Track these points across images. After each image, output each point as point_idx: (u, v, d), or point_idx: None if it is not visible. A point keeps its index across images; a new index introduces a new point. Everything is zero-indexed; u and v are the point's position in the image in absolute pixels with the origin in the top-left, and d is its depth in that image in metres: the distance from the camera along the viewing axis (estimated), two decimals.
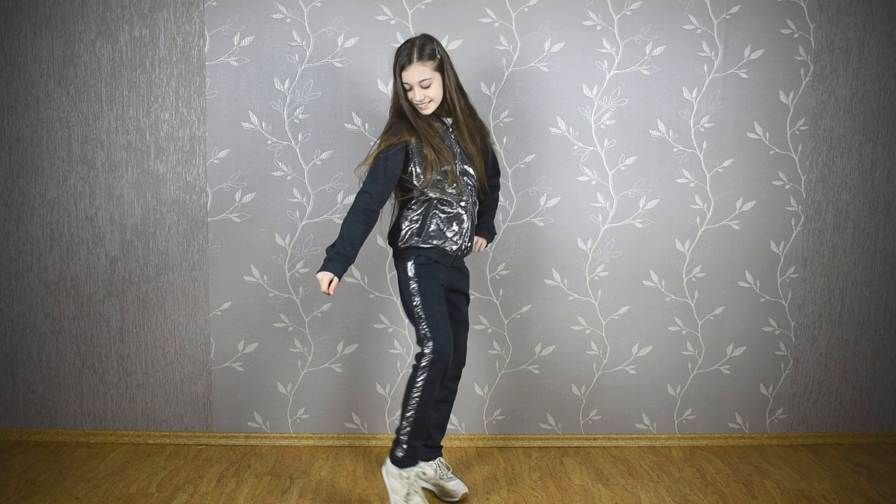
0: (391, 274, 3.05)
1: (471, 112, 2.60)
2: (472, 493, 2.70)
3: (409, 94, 2.45)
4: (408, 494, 2.48)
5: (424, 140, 2.45)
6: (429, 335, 2.43)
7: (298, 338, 3.08)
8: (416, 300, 2.47)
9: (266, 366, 3.09)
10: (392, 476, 2.51)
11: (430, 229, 2.51)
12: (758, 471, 2.91)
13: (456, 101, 2.51)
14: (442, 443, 2.99)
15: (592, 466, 2.94)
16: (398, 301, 3.06)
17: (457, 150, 2.55)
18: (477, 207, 2.66)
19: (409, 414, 2.46)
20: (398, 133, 2.46)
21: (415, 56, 2.40)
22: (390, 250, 2.97)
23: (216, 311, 3.07)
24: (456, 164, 2.52)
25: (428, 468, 2.62)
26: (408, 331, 3.07)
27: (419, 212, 2.52)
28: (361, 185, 2.44)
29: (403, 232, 2.53)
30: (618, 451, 3.10)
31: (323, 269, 2.37)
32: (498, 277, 3.07)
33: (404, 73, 2.42)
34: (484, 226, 2.77)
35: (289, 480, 2.79)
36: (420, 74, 2.40)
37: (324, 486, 2.74)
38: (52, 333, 3.09)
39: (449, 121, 2.56)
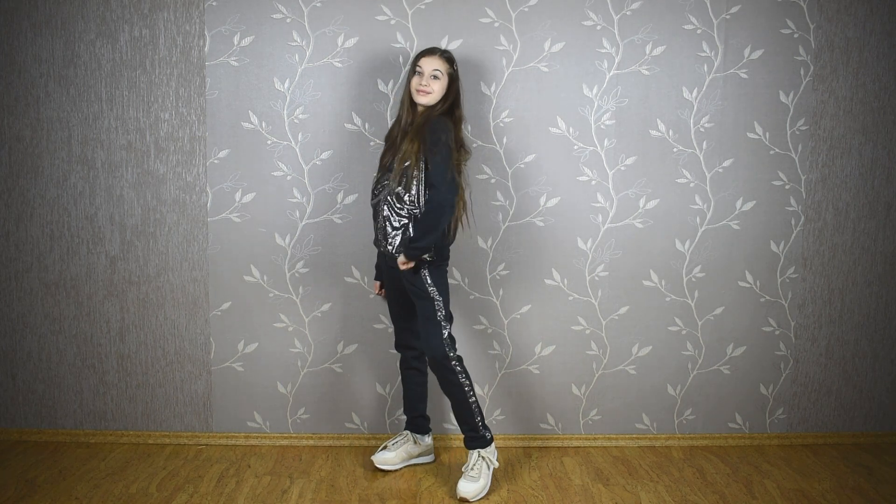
0: None
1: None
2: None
3: (414, 79, 2.62)
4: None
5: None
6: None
7: (298, 338, 3.08)
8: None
9: (266, 366, 3.09)
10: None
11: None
12: (758, 471, 2.91)
13: (437, 110, 2.63)
14: (440, 443, 3.09)
15: (592, 466, 2.94)
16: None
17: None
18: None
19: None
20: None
21: (438, 51, 2.65)
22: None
23: (216, 311, 3.07)
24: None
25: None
26: None
27: (407, 216, 2.63)
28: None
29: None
30: (618, 451, 3.10)
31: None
32: (498, 277, 3.07)
33: (423, 59, 2.63)
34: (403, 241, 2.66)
35: (289, 480, 2.79)
36: (436, 65, 2.62)
37: (324, 486, 2.74)
38: (52, 333, 3.09)
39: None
